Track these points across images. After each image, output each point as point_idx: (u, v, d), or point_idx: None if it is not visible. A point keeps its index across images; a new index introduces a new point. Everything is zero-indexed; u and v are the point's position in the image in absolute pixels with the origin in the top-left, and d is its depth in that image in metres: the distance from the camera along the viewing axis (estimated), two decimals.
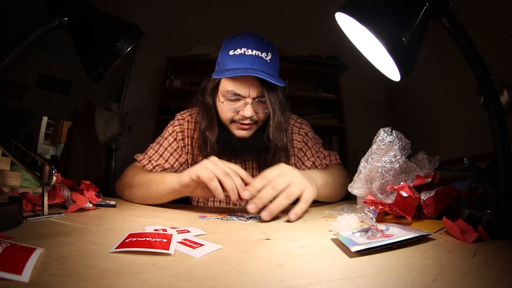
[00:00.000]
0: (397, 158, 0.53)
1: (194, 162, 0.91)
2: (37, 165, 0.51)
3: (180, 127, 0.92)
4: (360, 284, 0.24)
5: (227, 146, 0.83)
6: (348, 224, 0.43)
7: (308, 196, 0.56)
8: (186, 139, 0.91)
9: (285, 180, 0.56)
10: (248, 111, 0.77)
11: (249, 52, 0.74)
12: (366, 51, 0.55)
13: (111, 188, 2.39)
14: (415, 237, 0.34)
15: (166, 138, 0.91)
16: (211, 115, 0.84)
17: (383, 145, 0.54)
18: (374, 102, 2.71)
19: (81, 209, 0.54)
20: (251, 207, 0.53)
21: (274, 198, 0.54)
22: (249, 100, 0.77)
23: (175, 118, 0.95)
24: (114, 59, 0.51)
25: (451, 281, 0.24)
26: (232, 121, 0.81)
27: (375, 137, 0.56)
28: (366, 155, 0.56)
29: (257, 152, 0.85)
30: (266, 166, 0.84)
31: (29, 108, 2.47)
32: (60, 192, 0.55)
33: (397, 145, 0.54)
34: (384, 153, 0.54)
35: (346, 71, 2.57)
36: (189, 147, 0.91)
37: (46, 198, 0.49)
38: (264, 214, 0.52)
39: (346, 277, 0.26)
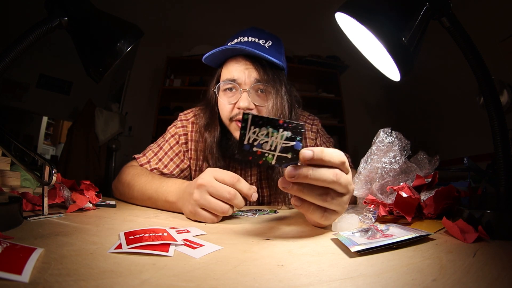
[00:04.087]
0: (396, 159, 0.53)
1: (198, 168, 0.83)
2: (37, 165, 0.51)
3: (184, 129, 0.85)
4: (360, 284, 0.24)
5: (229, 153, 0.76)
6: (349, 223, 0.43)
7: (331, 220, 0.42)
8: (189, 143, 0.84)
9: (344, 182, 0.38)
10: (244, 101, 0.70)
11: (245, 39, 0.72)
12: (366, 51, 0.55)
13: (111, 188, 2.39)
14: (415, 237, 0.34)
15: (167, 141, 0.84)
16: (212, 112, 0.78)
17: (383, 146, 0.54)
18: (374, 102, 2.71)
19: (81, 209, 0.54)
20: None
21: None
22: (246, 87, 0.71)
23: (178, 119, 0.87)
24: (114, 59, 0.51)
25: (451, 281, 0.24)
26: (231, 119, 0.74)
27: (375, 138, 0.56)
28: (365, 156, 0.56)
29: None
30: (269, 176, 0.78)
31: (29, 108, 2.47)
32: (60, 192, 0.55)
33: (397, 145, 0.54)
34: (383, 154, 0.54)
35: (346, 71, 2.57)
36: (193, 152, 0.84)
37: (46, 198, 0.49)
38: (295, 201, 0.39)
39: (346, 277, 0.26)
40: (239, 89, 0.72)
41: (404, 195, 0.46)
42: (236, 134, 0.74)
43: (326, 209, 0.39)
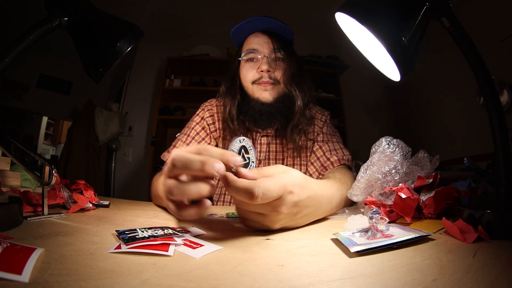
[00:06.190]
0: (397, 168, 0.53)
1: (224, 144, 0.92)
2: (37, 165, 0.51)
3: (210, 111, 0.94)
4: (360, 284, 0.24)
5: (251, 112, 0.86)
6: (361, 224, 0.42)
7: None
8: (217, 122, 0.93)
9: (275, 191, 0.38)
10: (264, 64, 0.84)
11: (261, 18, 0.87)
12: (366, 51, 0.55)
13: (111, 188, 2.39)
14: (415, 238, 0.34)
15: (193, 128, 0.92)
16: (233, 81, 0.91)
17: (384, 156, 0.54)
18: (374, 102, 2.71)
19: (82, 209, 0.54)
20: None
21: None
22: (266, 54, 0.85)
23: (203, 106, 0.96)
24: (114, 59, 0.51)
25: (451, 281, 0.24)
26: (254, 83, 0.86)
27: (376, 146, 0.55)
28: (365, 164, 0.56)
29: (283, 118, 0.87)
30: (287, 136, 0.88)
31: (29, 108, 2.47)
32: (60, 193, 0.55)
33: (398, 155, 0.53)
34: (384, 164, 0.54)
35: (346, 71, 2.57)
36: (220, 130, 0.92)
37: (46, 198, 0.49)
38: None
39: (346, 277, 0.26)
40: (259, 57, 0.85)
41: (403, 196, 0.46)
42: (258, 94, 0.86)
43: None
